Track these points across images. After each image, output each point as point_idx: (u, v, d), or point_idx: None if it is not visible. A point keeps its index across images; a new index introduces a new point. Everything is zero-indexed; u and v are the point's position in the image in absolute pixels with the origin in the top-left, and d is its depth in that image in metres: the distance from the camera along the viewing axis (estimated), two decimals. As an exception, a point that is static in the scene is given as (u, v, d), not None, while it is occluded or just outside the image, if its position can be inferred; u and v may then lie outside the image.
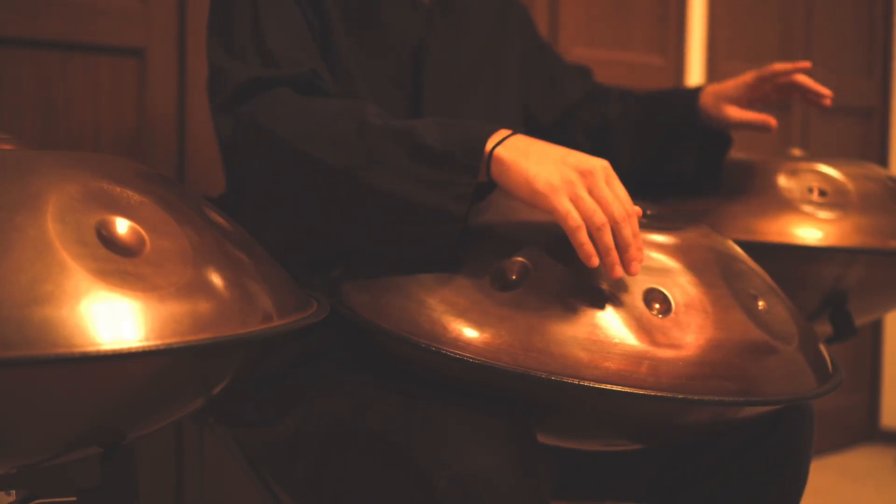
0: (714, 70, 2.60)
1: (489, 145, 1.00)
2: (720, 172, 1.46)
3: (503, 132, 1.02)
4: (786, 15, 2.82)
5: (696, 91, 1.45)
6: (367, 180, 1.02)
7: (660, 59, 2.49)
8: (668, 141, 1.47)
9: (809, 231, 1.39)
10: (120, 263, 0.74)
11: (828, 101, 1.43)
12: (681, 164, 1.46)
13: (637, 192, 1.13)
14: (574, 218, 0.96)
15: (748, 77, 1.42)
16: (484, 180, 1.01)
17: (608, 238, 0.96)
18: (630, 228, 0.97)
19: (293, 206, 1.09)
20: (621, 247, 0.97)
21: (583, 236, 0.96)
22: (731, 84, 1.43)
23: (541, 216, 1.07)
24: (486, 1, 1.41)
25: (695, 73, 2.57)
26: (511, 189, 0.99)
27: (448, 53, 1.31)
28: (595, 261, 0.96)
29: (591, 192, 0.97)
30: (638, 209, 1.00)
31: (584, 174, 0.98)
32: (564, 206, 0.96)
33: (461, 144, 1.00)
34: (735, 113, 1.42)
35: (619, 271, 0.96)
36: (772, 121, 1.43)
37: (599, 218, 0.96)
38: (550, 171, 0.97)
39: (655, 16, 2.48)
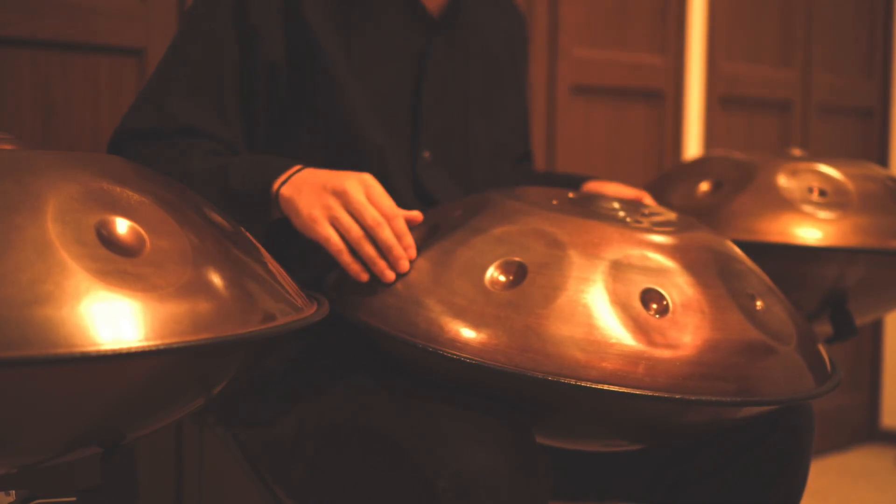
0: (714, 70, 2.60)
1: (276, 185, 1.09)
2: None
3: (291, 170, 1.10)
4: (786, 15, 2.82)
5: (583, 180, 1.45)
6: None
7: (660, 59, 2.49)
8: None
9: (809, 231, 1.39)
10: (120, 263, 0.74)
11: None
12: None
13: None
14: (334, 242, 1.05)
15: (629, 193, 1.39)
16: (279, 215, 1.10)
17: (368, 249, 1.05)
18: (386, 231, 1.04)
19: None
20: (383, 250, 1.04)
21: (345, 258, 1.05)
22: (613, 188, 1.40)
23: (539, 217, 1.07)
24: (495, 21, 1.40)
25: (695, 73, 2.57)
26: (291, 220, 1.09)
27: (451, 67, 1.31)
28: (363, 276, 1.05)
29: (347, 208, 1.05)
30: (407, 212, 1.06)
31: (340, 194, 1.06)
32: (325, 232, 1.05)
33: (257, 187, 1.10)
34: (615, 190, 1.40)
35: (389, 275, 1.04)
36: (645, 194, 1.40)
37: (355, 232, 1.04)
38: (312, 202, 1.06)
39: (655, 16, 2.48)
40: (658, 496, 1.22)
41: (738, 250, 1.14)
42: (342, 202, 1.05)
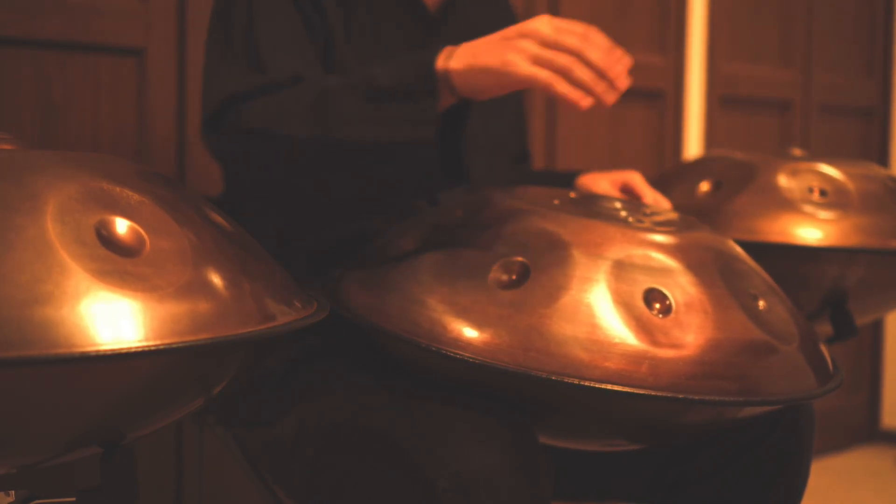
0: (714, 69, 2.60)
1: (439, 64, 1.02)
2: None
3: (448, 48, 1.03)
4: (786, 14, 2.82)
5: (575, 175, 1.44)
6: (338, 138, 1.04)
7: (660, 59, 2.49)
8: None
9: (810, 231, 1.39)
10: (119, 263, 0.74)
11: None
12: None
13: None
14: (544, 75, 0.97)
15: (619, 178, 1.39)
16: (452, 101, 1.03)
17: (582, 73, 0.98)
18: (596, 50, 0.98)
19: (289, 191, 1.12)
20: (600, 70, 0.98)
21: (562, 86, 0.97)
22: (609, 177, 1.40)
23: (541, 217, 1.07)
24: (490, 16, 1.41)
25: (695, 73, 2.57)
26: (480, 88, 1.01)
27: None
28: (585, 102, 0.97)
29: (544, 45, 0.98)
30: (595, 32, 1.00)
31: (529, 34, 0.99)
32: (529, 70, 0.97)
33: (413, 75, 1.02)
34: (603, 189, 1.40)
35: (610, 98, 0.98)
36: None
37: (564, 59, 0.97)
38: (500, 52, 0.99)
39: (655, 15, 2.48)
40: (658, 496, 1.22)
41: (739, 250, 1.14)
42: (536, 40, 0.99)
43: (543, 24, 1.00)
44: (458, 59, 1.02)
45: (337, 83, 1.07)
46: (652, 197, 1.35)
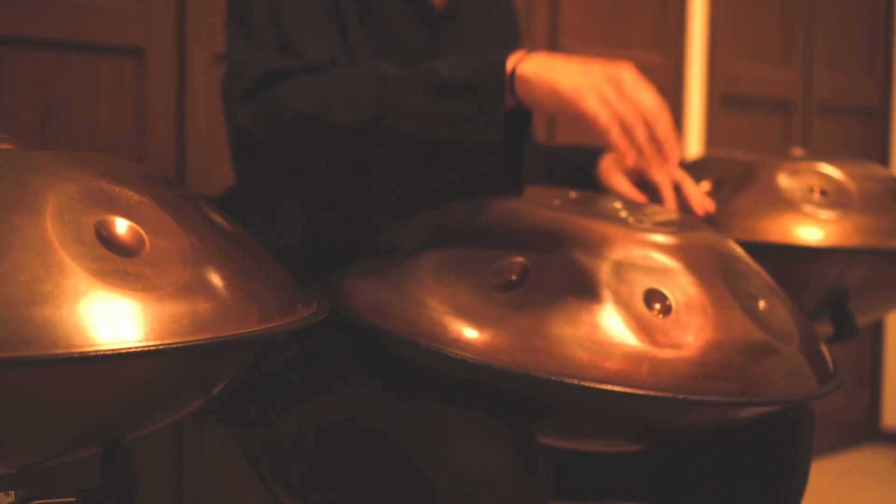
0: (714, 69, 2.60)
1: (510, 65, 0.99)
2: None
3: (521, 52, 1.01)
4: (787, 14, 2.82)
5: (601, 151, 1.44)
6: (393, 128, 1.01)
7: (660, 59, 2.49)
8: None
9: (810, 231, 1.39)
10: (119, 263, 0.74)
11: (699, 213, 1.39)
12: None
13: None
14: (604, 118, 0.95)
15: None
16: (512, 104, 1.00)
17: (641, 133, 0.95)
18: (663, 126, 0.96)
19: (332, 176, 1.09)
20: (658, 142, 0.96)
21: (616, 134, 0.95)
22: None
23: (541, 217, 1.07)
24: (494, 13, 1.41)
25: (695, 73, 2.57)
26: (538, 102, 0.98)
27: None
28: (633, 154, 0.95)
29: (619, 93, 0.96)
30: (666, 112, 0.98)
31: (611, 78, 0.97)
32: (594, 106, 0.95)
33: (481, 71, 0.99)
34: (617, 184, 1.39)
35: (657, 163, 0.96)
36: (642, 201, 1.40)
37: (630, 116, 0.95)
38: (576, 77, 0.96)
39: (656, 15, 2.48)
40: (658, 496, 1.22)
41: (740, 250, 1.14)
42: (614, 87, 0.96)
43: (627, 74, 0.98)
44: (530, 65, 0.99)
45: (393, 72, 1.04)
46: (671, 193, 1.35)
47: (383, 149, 1.03)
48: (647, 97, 0.96)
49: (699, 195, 1.37)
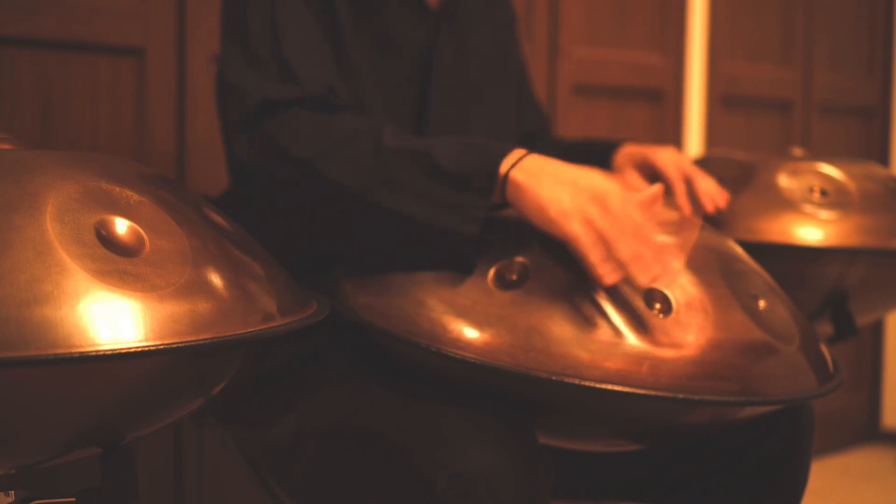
0: (714, 69, 2.60)
1: (504, 168, 1.01)
2: None
3: (518, 153, 1.03)
4: (787, 14, 2.82)
5: (615, 146, 1.44)
6: (381, 201, 1.04)
7: (660, 59, 2.49)
8: None
9: (810, 231, 1.39)
10: (119, 263, 0.74)
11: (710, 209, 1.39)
12: None
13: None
14: (586, 241, 0.97)
15: (655, 161, 1.39)
16: (498, 201, 1.03)
17: (624, 250, 0.97)
18: (648, 245, 0.98)
19: (310, 218, 1.11)
20: (645, 255, 0.97)
21: (595, 258, 0.97)
22: (643, 151, 1.40)
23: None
24: (491, 10, 1.41)
25: (695, 73, 2.57)
26: (525, 213, 1.01)
27: (455, 59, 1.31)
28: (612, 277, 0.97)
29: (604, 214, 0.98)
30: (652, 227, 0.99)
31: (596, 198, 0.99)
32: (577, 230, 0.97)
33: (477, 167, 1.02)
34: (631, 179, 1.40)
35: (643, 281, 0.97)
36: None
37: (613, 234, 0.97)
38: (562, 197, 0.99)
39: (656, 15, 2.48)
40: (658, 496, 1.22)
41: (740, 250, 1.14)
42: (600, 206, 0.98)
43: (614, 193, 0.99)
44: (522, 172, 1.01)
45: (395, 143, 1.06)
46: (683, 188, 1.36)
47: (366, 215, 1.06)
48: (633, 214, 0.98)
49: (710, 191, 1.38)
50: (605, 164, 1.42)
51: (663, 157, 1.39)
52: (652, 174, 1.39)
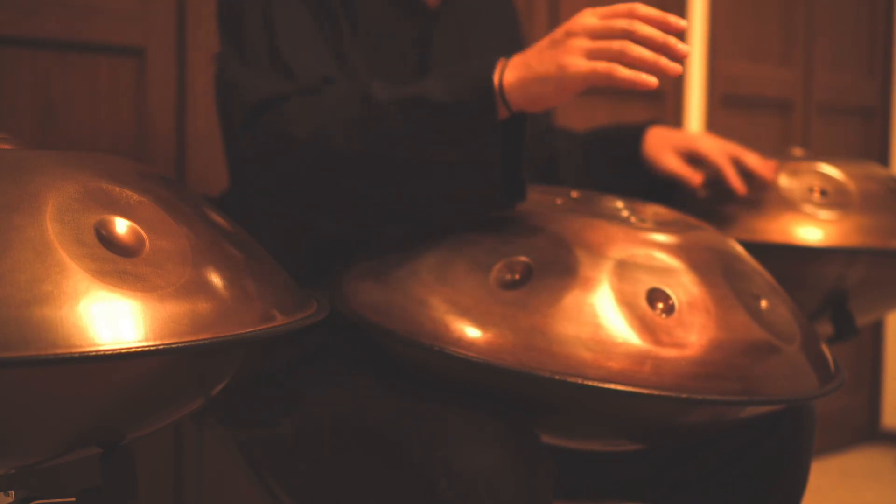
0: (714, 69, 2.60)
1: (496, 79, 0.99)
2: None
3: (501, 62, 1.01)
4: (787, 14, 2.82)
5: (642, 130, 1.43)
6: (392, 156, 1.02)
7: (660, 59, 2.49)
8: (613, 177, 1.44)
9: (810, 231, 1.39)
10: (119, 263, 0.74)
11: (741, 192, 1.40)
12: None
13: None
14: (602, 67, 0.94)
15: (696, 146, 1.39)
16: (506, 115, 1.00)
17: (636, 52, 0.95)
18: (644, 27, 0.95)
19: (315, 208, 1.10)
20: (655, 47, 0.95)
21: (622, 73, 0.94)
22: (677, 146, 1.40)
23: (542, 216, 1.07)
24: (492, 9, 1.41)
25: (695, 72, 2.57)
26: (537, 102, 0.99)
27: (453, 56, 1.31)
28: (650, 80, 0.94)
29: (593, 36, 0.96)
30: (641, 6, 0.96)
31: (576, 31, 0.97)
32: (586, 66, 0.95)
33: (469, 90, 0.99)
34: (670, 164, 1.40)
35: (673, 68, 0.94)
36: (698, 181, 1.40)
37: (616, 45, 0.94)
38: (554, 56, 0.97)
39: (656, 15, 2.48)
40: (658, 496, 1.22)
41: (741, 250, 1.14)
42: (585, 34, 0.96)
43: (588, 17, 0.97)
44: (511, 71, 0.99)
45: (384, 95, 1.04)
46: (733, 170, 1.37)
47: (381, 174, 1.04)
48: (615, 18, 0.95)
49: (761, 163, 1.37)
50: (637, 146, 1.41)
51: (707, 144, 1.39)
52: (691, 156, 1.39)
